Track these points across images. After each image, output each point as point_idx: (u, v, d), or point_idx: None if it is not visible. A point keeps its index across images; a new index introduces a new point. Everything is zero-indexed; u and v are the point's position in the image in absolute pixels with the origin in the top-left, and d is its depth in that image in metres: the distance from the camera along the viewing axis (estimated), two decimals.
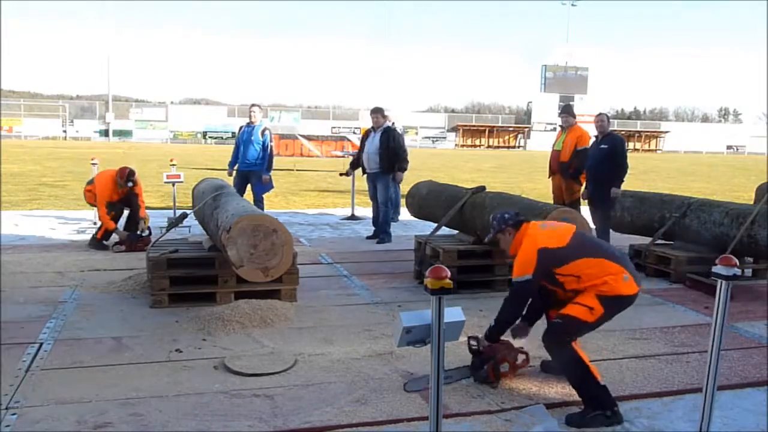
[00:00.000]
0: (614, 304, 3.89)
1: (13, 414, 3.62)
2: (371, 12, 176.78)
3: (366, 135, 9.76)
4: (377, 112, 9.60)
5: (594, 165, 8.13)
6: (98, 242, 8.49)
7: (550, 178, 9.06)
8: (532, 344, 4.37)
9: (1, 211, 11.61)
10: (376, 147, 9.41)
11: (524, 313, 4.29)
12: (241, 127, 9.83)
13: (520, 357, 4.32)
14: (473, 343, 4.24)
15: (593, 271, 3.86)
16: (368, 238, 9.86)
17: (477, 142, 75.65)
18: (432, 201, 7.89)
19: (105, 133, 63.52)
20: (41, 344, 4.77)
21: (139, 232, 8.54)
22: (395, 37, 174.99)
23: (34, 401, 3.80)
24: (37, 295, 6.10)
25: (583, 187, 8.52)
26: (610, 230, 8.30)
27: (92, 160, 11.17)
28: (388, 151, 9.38)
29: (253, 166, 9.54)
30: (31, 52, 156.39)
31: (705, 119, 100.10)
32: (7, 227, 10.19)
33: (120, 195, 8.63)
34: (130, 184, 8.56)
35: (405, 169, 9.71)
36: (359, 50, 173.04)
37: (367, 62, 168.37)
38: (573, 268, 3.89)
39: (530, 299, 4.16)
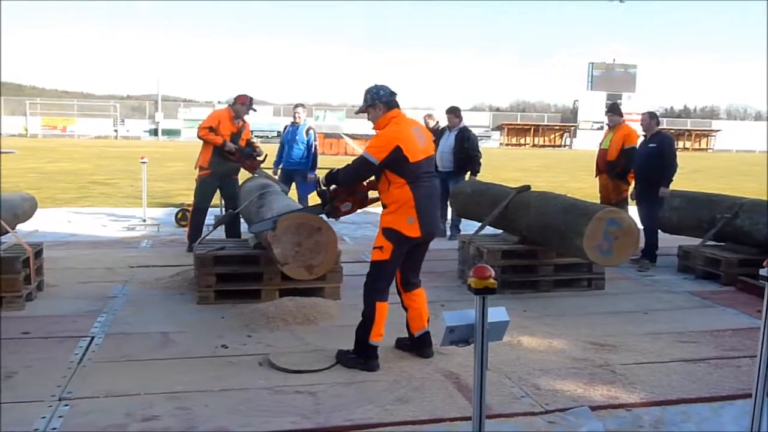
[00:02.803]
0: (397, 238, 4.36)
1: (66, 405, 3.72)
2: (413, 11, 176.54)
3: (440, 134, 9.81)
4: (452, 112, 9.78)
5: (642, 164, 7.99)
6: (193, 233, 8.02)
7: (597, 178, 8.93)
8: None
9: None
10: (450, 146, 9.56)
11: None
12: (285, 127, 9.93)
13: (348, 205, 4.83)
14: (322, 184, 4.74)
15: (398, 196, 4.33)
16: None
17: (522, 141, 74.93)
18: (476, 200, 7.85)
19: (154, 132, 64.70)
20: (93, 338, 4.90)
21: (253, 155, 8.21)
22: (439, 35, 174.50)
23: (85, 393, 3.90)
24: (88, 290, 6.26)
25: (631, 187, 8.39)
26: (658, 230, 8.15)
27: (141, 158, 11.43)
28: (461, 152, 9.48)
29: (297, 165, 9.59)
30: (84, 54, 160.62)
31: (758, 117, 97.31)
32: (60, 224, 10.49)
33: (232, 131, 8.02)
34: (254, 111, 8.22)
35: (478, 172, 9.73)
36: (403, 50, 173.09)
37: (411, 61, 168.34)
38: (396, 180, 4.32)
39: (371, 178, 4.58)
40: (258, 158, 8.22)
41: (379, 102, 4.49)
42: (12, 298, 5.51)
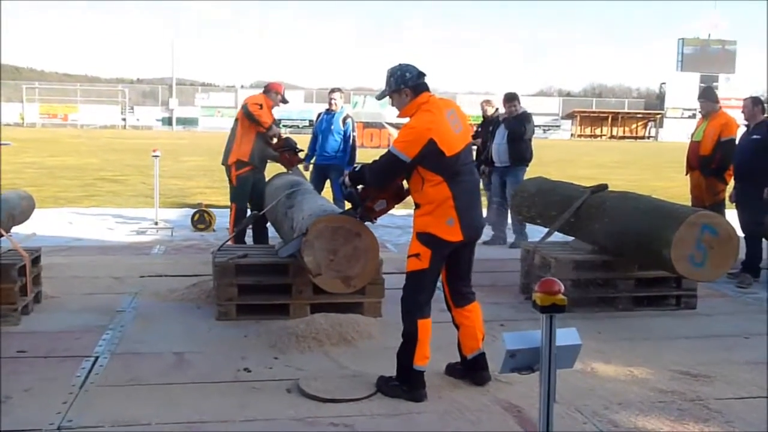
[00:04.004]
0: (436, 243, 4.34)
1: None
2: None
3: (496, 124, 9.80)
4: (513, 99, 9.79)
5: (743, 160, 7.84)
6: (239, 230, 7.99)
7: (688, 176, 8.80)
8: None
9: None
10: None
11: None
12: (319, 115, 9.93)
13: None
14: (347, 184, 4.77)
15: (434, 195, 4.32)
16: (485, 243, 9.45)
17: (597, 132, 74.26)
18: (542, 201, 7.79)
19: (168, 121, 65.77)
20: (97, 358, 4.99)
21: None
22: (498, 10, 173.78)
23: (87, 421, 3.97)
24: (93, 302, 6.38)
25: (729, 187, 8.24)
26: (762, 239, 7.98)
27: (154, 151, 11.62)
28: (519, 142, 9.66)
29: (332, 160, 9.60)
30: (89, 33, 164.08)
31: None
32: (61, 226, 10.72)
33: (270, 119, 8.12)
34: (285, 103, 8.44)
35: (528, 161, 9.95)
36: (455, 26, 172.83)
37: (464, 38, 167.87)
38: (431, 177, 4.31)
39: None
40: (298, 154, 8.30)
41: (406, 87, 4.46)
42: (6, 312, 5.62)
